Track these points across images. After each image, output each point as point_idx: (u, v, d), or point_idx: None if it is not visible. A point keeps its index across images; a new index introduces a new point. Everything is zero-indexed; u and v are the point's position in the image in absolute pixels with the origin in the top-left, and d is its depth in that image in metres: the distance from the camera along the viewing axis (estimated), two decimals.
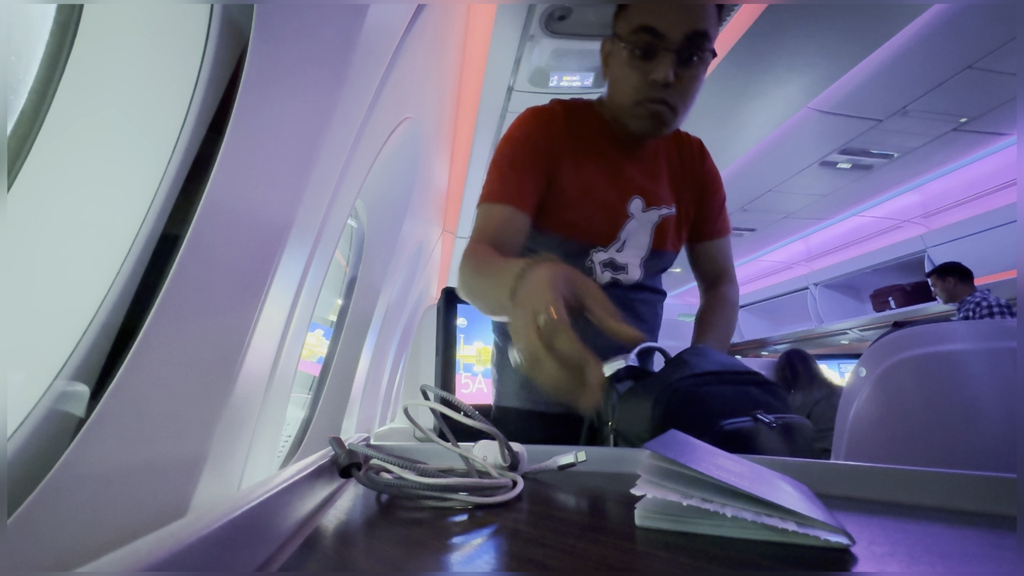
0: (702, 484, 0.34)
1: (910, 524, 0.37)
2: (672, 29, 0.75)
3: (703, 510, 0.33)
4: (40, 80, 0.31)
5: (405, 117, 0.88)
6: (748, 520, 0.32)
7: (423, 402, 0.57)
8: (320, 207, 0.49)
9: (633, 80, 0.78)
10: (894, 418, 1.03)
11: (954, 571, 0.27)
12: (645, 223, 0.88)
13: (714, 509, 0.33)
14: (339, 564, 0.30)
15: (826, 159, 2.45)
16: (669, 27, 0.75)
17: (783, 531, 0.31)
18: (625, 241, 0.87)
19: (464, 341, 1.47)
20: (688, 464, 0.34)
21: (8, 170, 0.29)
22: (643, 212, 0.88)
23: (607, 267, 0.87)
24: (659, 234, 0.89)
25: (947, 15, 1.53)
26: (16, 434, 0.28)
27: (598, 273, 0.87)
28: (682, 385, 0.72)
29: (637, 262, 0.89)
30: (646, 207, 0.88)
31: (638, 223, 0.88)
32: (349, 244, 1.19)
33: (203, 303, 0.35)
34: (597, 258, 0.86)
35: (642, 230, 0.88)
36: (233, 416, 0.38)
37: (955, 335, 1.02)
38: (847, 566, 0.28)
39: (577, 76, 1.69)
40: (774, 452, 0.70)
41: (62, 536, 0.26)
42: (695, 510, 0.33)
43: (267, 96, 0.38)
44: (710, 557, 0.30)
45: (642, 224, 0.88)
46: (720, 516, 0.32)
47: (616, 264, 0.87)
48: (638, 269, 0.89)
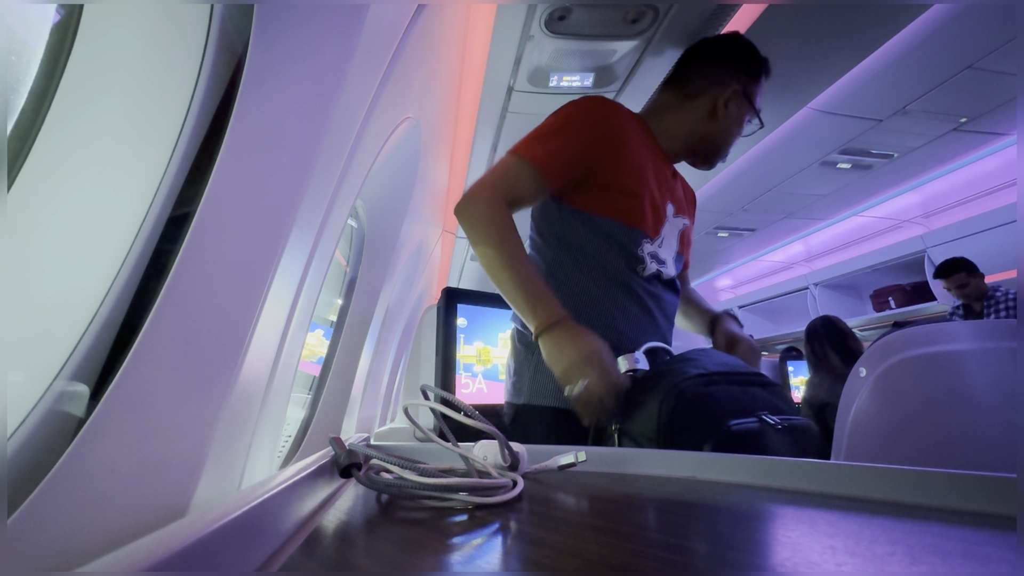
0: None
1: (910, 524, 0.37)
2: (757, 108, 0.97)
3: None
4: (40, 80, 0.31)
5: (405, 117, 0.88)
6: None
7: (423, 402, 0.57)
8: (320, 207, 0.49)
9: (735, 138, 0.98)
10: (894, 418, 1.02)
11: (954, 571, 0.27)
12: (675, 227, 0.98)
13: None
14: (339, 564, 0.30)
15: (826, 159, 2.45)
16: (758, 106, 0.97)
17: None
18: (664, 239, 0.95)
19: (464, 341, 1.47)
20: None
21: (8, 170, 0.29)
22: (674, 217, 0.98)
23: (653, 259, 0.93)
24: (682, 240, 0.99)
25: (947, 15, 1.53)
26: (16, 434, 0.28)
27: (647, 263, 0.92)
28: (689, 385, 0.72)
29: (671, 259, 0.97)
30: (676, 213, 0.98)
31: (671, 226, 0.97)
32: (349, 244, 1.19)
33: (203, 303, 0.35)
34: (646, 248, 0.92)
35: (673, 233, 0.97)
36: (233, 416, 0.38)
37: (955, 335, 1.01)
38: (847, 567, 0.28)
39: (577, 76, 1.69)
40: (779, 453, 0.70)
41: (62, 536, 0.26)
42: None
43: (267, 96, 0.38)
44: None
45: (673, 227, 0.97)
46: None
47: (659, 258, 0.94)
48: (672, 265, 0.96)
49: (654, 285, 0.93)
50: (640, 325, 0.91)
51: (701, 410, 0.70)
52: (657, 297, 0.93)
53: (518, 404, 0.94)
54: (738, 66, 0.98)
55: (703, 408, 0.70)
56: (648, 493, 0.51)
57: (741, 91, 0.96)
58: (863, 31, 1.55)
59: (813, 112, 2.02)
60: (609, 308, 0.90)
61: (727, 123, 0.96)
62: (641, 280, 0.91)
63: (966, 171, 2.72)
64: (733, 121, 0.97)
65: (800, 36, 1.55)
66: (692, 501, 0.46)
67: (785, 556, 0.30)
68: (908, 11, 1.47)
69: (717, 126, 0.97)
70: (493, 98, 1.85)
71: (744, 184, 2.70)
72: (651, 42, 1.50)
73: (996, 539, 0.32)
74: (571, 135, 0.86)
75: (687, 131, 0.96)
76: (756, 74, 0.98)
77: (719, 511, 0.43)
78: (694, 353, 0.81)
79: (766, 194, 2.86)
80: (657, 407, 0.71)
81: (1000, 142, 2.40)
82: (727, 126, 0.97)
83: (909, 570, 0.27)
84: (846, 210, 3.24)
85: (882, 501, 0.44)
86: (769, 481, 0.53)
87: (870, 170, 2.60)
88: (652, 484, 0.55)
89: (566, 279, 0.91)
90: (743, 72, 0.97)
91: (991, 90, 1.92)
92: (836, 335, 2.30)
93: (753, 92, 0.98)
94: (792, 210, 3.18)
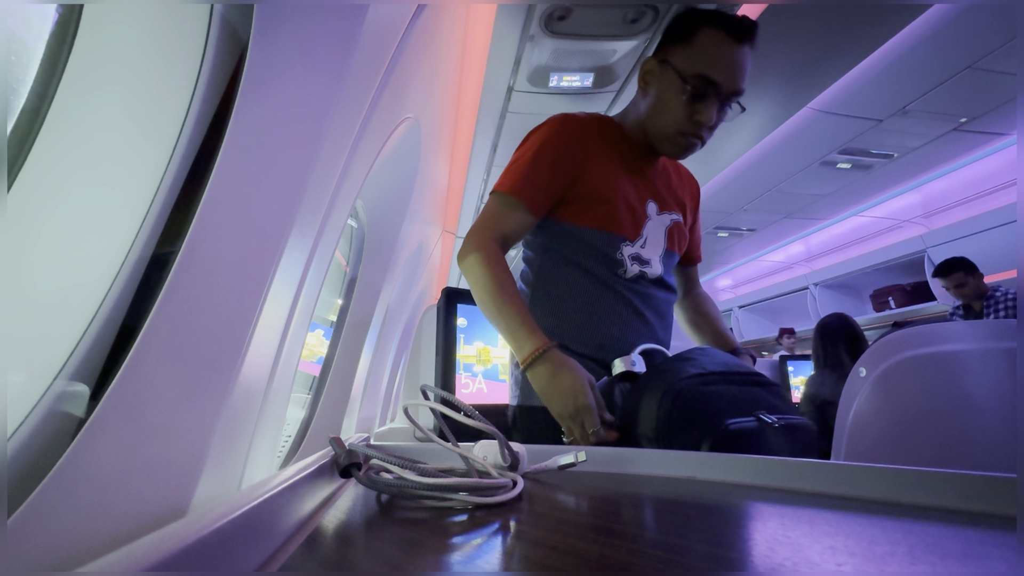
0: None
1: (910, 524, 0.37)
2: (726, 84, 0.85)
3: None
4: (40, 80, 0.31)
5: (405, 117, 0.88)
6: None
7: (423, 402, 0.57)
8: (320, 207, 0.49)
9: (680, 115, 0.88)
10: (894, 418, 1.03)
11: (954, 571, 0.27)
12: (659, 225, 0.97)
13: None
14: (339, 564, 0.30)
15: (826, 159, 2.45)
16: (725, 82, 0.85)
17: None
18: (647, 239, 0.95)
19: (464, 341, 1.47)
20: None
21: (8, 170, 0.29)
22: (657, 215, 0.97)
23: (635, 260, 0.93)
24: (670, 237, 0.98)
25: (947, 15, 1.53)
26: (16, 434, 0.28)
27: (627, 265, 0.93)
28: (687, 384, 0.72)
29: (657, 258, 0.96)
30: (659, 211, 0.98)
31: (654, 224, 0.96)
32: (349, 244, 1.19)
33: (203, 303, 0.35)
34: (626, 251, 0.93)
35: (657, 231, 0.97)
36: (233, 416, 0.38)
37: (955, 335, 1.01)
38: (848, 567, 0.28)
39: (577, 76, 1.69)
40: (777, 452, 0.70)
41: (62, 536, 0.26)
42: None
43: (267, 96, 0.38)
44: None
45: (657, 226, 0.97)
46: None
47: (642, 258, 0.94)
48: (659, 264, 0.96)
49: (641, 285, 0.93)
50: (630, 326, 0.92)
51: (699, 409, 0.70)
52: (646, 296, 0.94)
53: (518, 406, 0.94)
54: (664, 39, 0.90)
55: (701, 407, 0.71)
56: (648, 493, 0.51)
57: (660, 61, 0.89)
58: (863, 31, 1.55)
59: (813, 112, 2.02)
60: (597, 311, 0.91)
61: (656, 102, 0.90)
62: (626, 282, 0.92)
63: (966, 171, 2.72)
64: (661, 97, 0.89)
65: (800, 36, 1.55)
66: (692, 501, 0.46)
67: (785, 556, 0.30)
68: (908, 11, 1.47)
69: (649, 108, 0.91)
70: (493, 98, 1.85)
71: (744, 184, 2.70)
72: (651, 42, 1.50)
73: (996, 539, 0.32)
74: (542, 159, 0.89)
75: (637, 123, 0.95)
76: (681, 36, 0.87)
77: (719, 511, 0.43)
78: (693, 352, 0.81)
79: (766, 194, 2.86)
80: (656, 406, 0.71)
81: (1000, 142, 2.40)
82: (656, 105, 0.89)
83: (909, 570, 0.27)
84: (846, 210, 3.25)
85: (882, 501, 0.44)
86: (769, 481, 0.53)
87: (870, 170, 2.60)
88: (652, 484, 0.55)
89: (554, 286, 0.94)
90: (667, 42, 0.89)
91: (991, 90, 1.92)
92: (851, 335, 2.29)
93: (680, 56, 0.86)
94: (792, 210, 3.18)
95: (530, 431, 0.92)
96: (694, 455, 0.60)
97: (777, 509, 0.43)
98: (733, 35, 0.84)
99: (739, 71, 0.85)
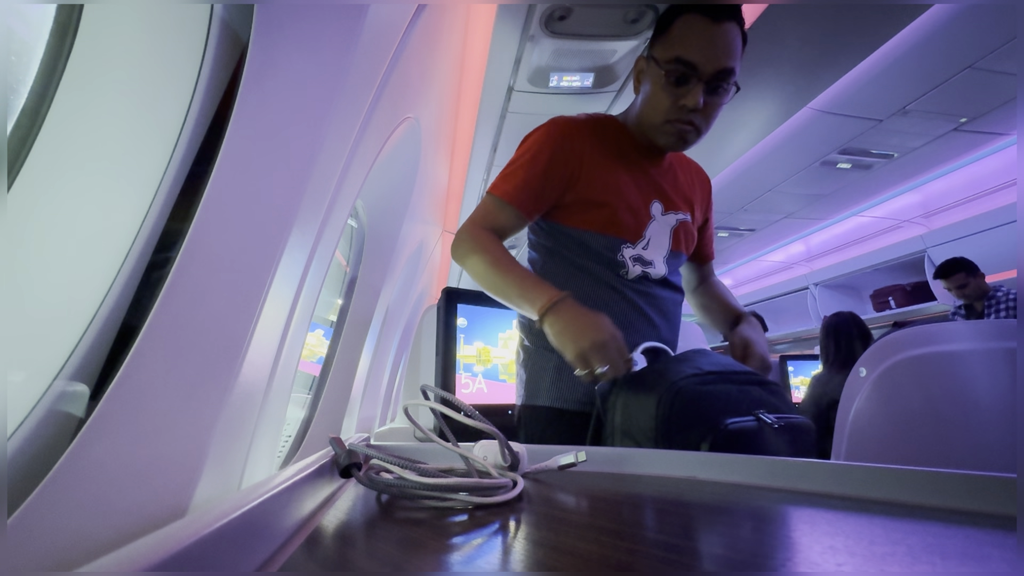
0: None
1: (910, 524, 0.37)
2: (705, 63, 0.83)
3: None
4: (40, 80, 0.31)
5: (405, 117, 0.88)
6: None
7: (423, 402, 0.57)
8: (320, 207, 0.49)
9: (666, 102, 0.87)
10: (894, 418, 1.03)
11: (954, 571, 0.27)
12: (664, 225, 0.97)
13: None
14: (339, 564, 0.30)
15: (826, 159, 2.45)
16: (702, 61, 0.83)
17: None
18: (649, 240, 0.95)
19: (464, 341, 1.47)
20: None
21: (8, 170, 0.29)
22: (662, 215, 0.96)
23: (636, 262, 0.93)
24: (676, 237, 0.98)
25: (947, 15, 1.53)
26: (16, 434, 0.28)
27: (629, 267, 0.93)
28: (686, 384, 0.72)
29: (661, 259, 0.96)
30: (664, 211, 0.97)
31: (659, 224, 0.96)
32: (349, 244, 1.19)
33: (203, 303, 0.35)
34: (627, 253, 0.93)
35: (662, 231, 0.96)
36: (233, 416, 0.38)
37: (955, 335, 1.01)
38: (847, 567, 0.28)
39: (577, 76, 1.69)
40: (776, 452, 0.70)
41: (62, 536, 0.26)
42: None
43: (267, 96, 0.38)
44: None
45: (662, 226, 0.96)
46: None
47: (644, 260, 0.94)
48: (663, 265, 0.96)
49: (644, 285, 0.93)
50: (634, 325, 0.92)
51: (698, 408, 0.70)
52: (650, 296, 0.94)
53: (536, 406, 0.94)
54: (651, 38, 0.91)
55: (700, 406, 0.71)
56: (648, 493, 0.51)
57: (646, 57, 0.90)
58: (863, 31, 1.55)
59: (813, 112, 2.02)
60: (600, 311, 0.91)
61: (643, 96, 0.91)
62: (629, 282, 0.92)
63: (966, 171, 2.72)
64: (647, 90, 0.90)
65: (800, 36, 1.55)
66: (692, 501, 0.46)
67: (785, 556, 0.30)
68: (908, 11, 1.47)
69: (639, 103, 0.93)
70: (493, 98, 1.85)
71: (744, 184, 2.70)
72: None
73: (996, 539, 0.32)
74: (535, 165, 0.90)
75: (635, 121, 0.95)
76: (661, 29, 0.88)
77: (719, 511, 0.43)
78: (690, 354, 0.81)
79: (766, 194, 2.86)
80: (655, 405, 0.71)
81: (1000, 142, 2.40)
82: (644, 99, 0.91)
83: (909, 570, 0.27)
84: (846, 210, 3.24)
85: (882, 501, 0.44)
86: (769, 481, 0.53)
87: (870, 170, 2.60)
88: (652, 484, 0.55)
89: (558, 286, 0.93)
90: (652, 39, 0.90)
91: (991, 90, 1.91)
92: (864, 332, 2.30)
93: (659, 46, 0.87)
94: (792, 210, 3.18)
95: (536, 431, 0.91)
96: (694, 455, 0.60)
97: (777, 509, 0.43)
98: (709, 15, 0.83)
99: (719, 49, 0.83)
